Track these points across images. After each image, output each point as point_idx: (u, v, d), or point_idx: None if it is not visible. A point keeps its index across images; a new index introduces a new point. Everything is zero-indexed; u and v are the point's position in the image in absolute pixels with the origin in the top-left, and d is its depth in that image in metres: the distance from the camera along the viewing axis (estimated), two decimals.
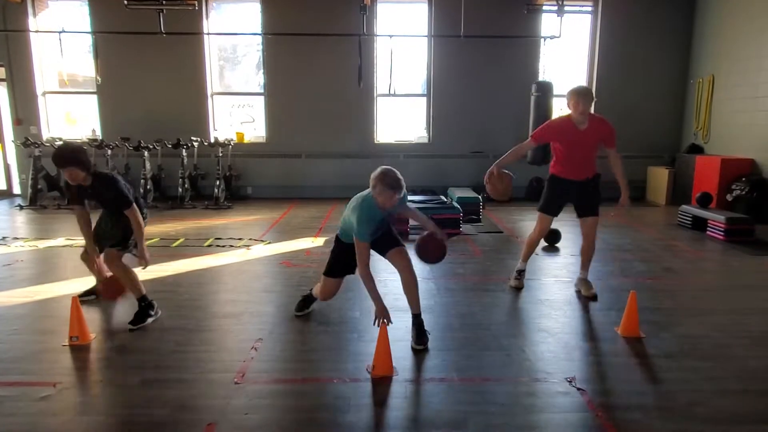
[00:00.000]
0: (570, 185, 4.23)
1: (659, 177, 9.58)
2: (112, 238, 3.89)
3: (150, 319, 3.81)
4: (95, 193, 3.81)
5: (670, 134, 10.01)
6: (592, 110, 4.09)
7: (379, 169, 3.22)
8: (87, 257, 4.07)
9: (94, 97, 9.71)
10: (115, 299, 4.03)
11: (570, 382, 2.96)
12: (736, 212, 7.05)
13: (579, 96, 3.95)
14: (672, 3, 9.59)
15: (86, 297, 4.20)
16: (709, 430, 2.53)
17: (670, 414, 2.66)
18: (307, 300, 3.99)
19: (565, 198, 4.32)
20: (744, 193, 7.57)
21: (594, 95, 4.01)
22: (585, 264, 4.42)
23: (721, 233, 6.47)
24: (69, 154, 3.64)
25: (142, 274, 4.04)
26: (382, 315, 3.32)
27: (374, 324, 3.38)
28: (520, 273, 4.60)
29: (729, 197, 7.77)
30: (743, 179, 7.72)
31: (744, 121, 8.21)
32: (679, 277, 5.04)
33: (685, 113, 9.89)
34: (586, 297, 4.31)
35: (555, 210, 4.38)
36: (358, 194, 3.42)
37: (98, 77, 9.18)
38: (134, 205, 3.80)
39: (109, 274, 3.99)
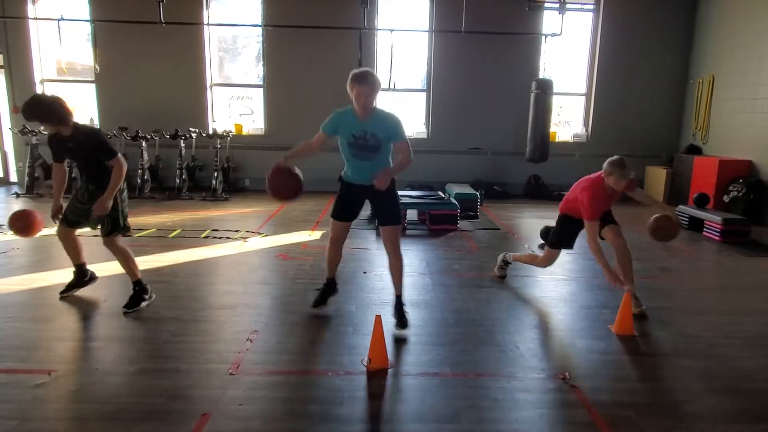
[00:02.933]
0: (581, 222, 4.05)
1: (657, 177, 9.60)
2: (88, 216, 3.77)
3: (144, 303, 3.81)
4: (76, 146, 3.68)
5: (669, 134, 10.02)
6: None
7: None
8: (63, 232, 3.95)
9: (93, 86, 9.67)
10: (21, 233, 3.92)
11: (563, 378, 2.98)
12: (732, 213, 7.07)
13: (623, 171, 3.74)
14: (673, 2, 9.58)
15: (68, 292, 4.11)
16: (700, 428, 2.55)
17: (662, 412, 2.68)
18: (325, 291, 3.89)
19: (579, 230, 4.17)
20: (741, 194, 7.59)
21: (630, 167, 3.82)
22: (626, 276, 3.94)
23: (717, 234, 6.50)
24: (35, 108, 3.58)
25: (141, 264, 4.04)
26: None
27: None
28: (506, 264, 4.69)
29: (726, 198, 7.79)
30: (740, 180, 7.74)
31: (743, 122, 8.23)
32: (675, 277, 5.07)
33: (684, 113, 9.90)
34: (634, 314, 3.79)
35: (570, 245, 4.28)
36: None
37: (97, 66, 9.14)
38: (119, 156, 3.69)
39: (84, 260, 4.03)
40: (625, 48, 9.65)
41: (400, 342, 3.40)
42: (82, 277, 4.14)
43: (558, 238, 4.27)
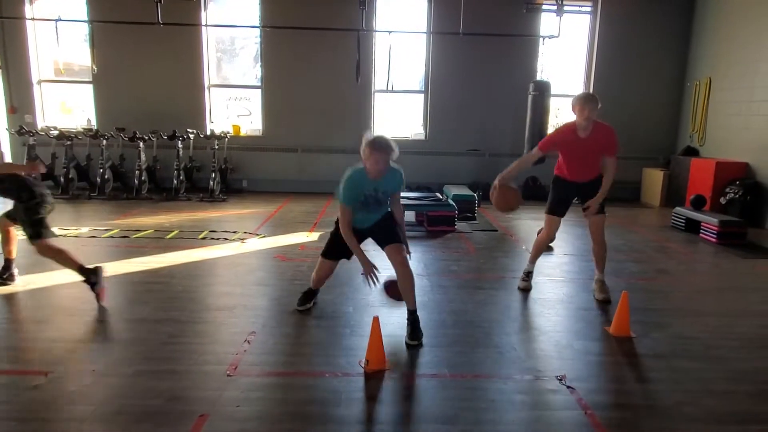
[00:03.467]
0: (573, 185, 4.25)
1: (654, 178, 9.62)
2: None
3: (99, 278, 3.85)
4: None
5: (666, 136, 10.05)
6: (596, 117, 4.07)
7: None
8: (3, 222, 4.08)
9: (90, 87, 9.66)
10: None
11: (560, 380, 2.98)
12: (729, 215, 7.09)
13: (584, 102, 3.94)
14: (670, 5, 9.61)
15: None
16: (696, 429, 2.56)
17: (659, 413, 2.69)
18: (308, 294, 3.98)
19: (571, 197, 4.32)
20: (738, 196, 7.62)
21: (598, 101, 3.97)
22: (598, 264, 4.32)
23: (714, 236, 6.52)
24: None
25: (138, 266, 4.03)
26: (369, 270, 3.44)
27: (365, 283, 3.50)
28: (528, 275, 4.56)
29: (723, 200, 7.81)
30: (737, 183, 7.76)
31: (739, 124, 8.26)
32: (671, 279, 5.08)
33: (681, 115, 9.94)
34: (597, 300, 4.23)
35: (562, 210, 4.34)
36: None
37: (94, 67, 9.12)
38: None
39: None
40: (623, 50, 9.68)
41: (397, 343, 3.40)
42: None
43: (550, 201, 4.36)
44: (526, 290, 4.50)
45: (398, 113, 10.41)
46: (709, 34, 9.14)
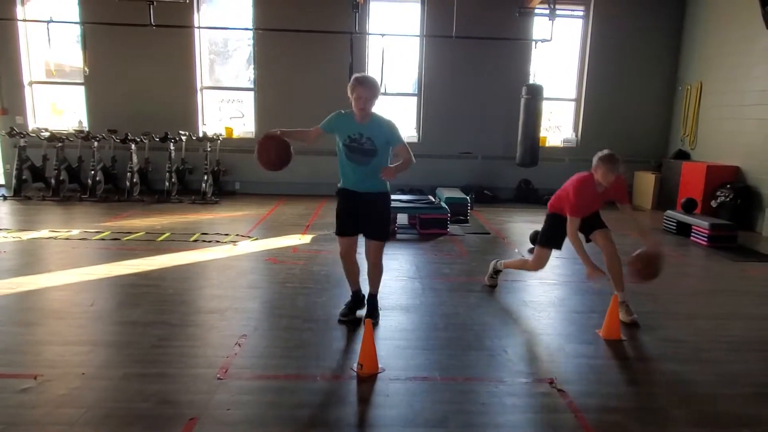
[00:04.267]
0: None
1: (646, 182, 9.68)
2: None
3: None
4: None
5: (658, 139, 10.12)
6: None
7: None
8: None
9: (82, 88, 9.60)
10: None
11: (551, 383, 2.99)
12: (720, 219, 7.15)
13: (611, 166, 3.71)
14: (662, 10, 9.69)
15: None
16: None
17: (648, 416, 2.70)
18: (353, 303, 3.87)
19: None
20: (728, 199, 7.68)
21: (621, 164, 3.76)
22: (616, 282, 3.97)
23: (705, 239, 6.57)
24: None
25: (129, 268, 4.01)
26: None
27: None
28: (497, 273, 4.63)
29: (713, 203, 7.87)
30: (728, 186, 7.82)
31: (730, 128, 8.33)
32: (662, 282, 5.06)
33: (673, 119, 10.01)
34: (623, 323, 3.84)
35: (559, 243, 4.18)
36: None
37: (86, 68, 9.07)
38: None
39: None
40: (615, 54, 9.75)
41: (389, 346, 3.40)
42: None
43: (546, 237, 4.20)
44: (492, 287, 4.61)
45: (392, 116, 10.40)
46: (700, 38, 9.22)
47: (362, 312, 3.81)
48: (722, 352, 3.49)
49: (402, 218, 7.23)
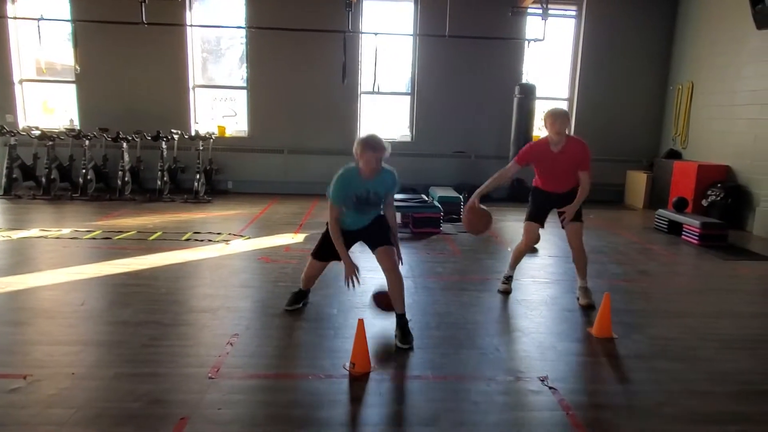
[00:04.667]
0: (551, 196, 4.30)
1: (638, 181, 9.74)
2: None
3: None
4: None
5: (650, 139, 10.18)
6: (571, 132, 4.12)
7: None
8: None
9: (73, 87, 9.54)
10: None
11: (542, 381, 3.00)
12: (710, 217, 7.20)
13: (555, 117, 4.03)
14: (654, 10, 9.74)
15: None
16: (676, 430, 2.59)
17: (639, 413, 2.72)
18: (297, 295, 3.96)
19: (549, 207, 4.36)
20: (719, 198, 7.73)
21: (569, 116, 4.06)
22: (580, 272, 4.34)
23: (696, 238, 6.61)
24: None
25: (120, 267, 3.99)
26: (351, 272, 3.43)
27: (346, 284, 3.47)
28: (508, 279, 4.59)
29: (704, 202, 7.93)
30: (719, 185, 7.88)
31: (721, 128, 8.39)
32: (653, 280, 5.14)
33: (664, 119, 10.07)
34: (581, 306, 4.23)
35: (541, 219, 4.38)
36: None
37: (77, 66, 9.01)
38: None
39: None
40: (607, 54, 9.79)
41: (381, 345, 3.40)
42: None
43: (529, 211, 4.42)
44: (506, 293, 4.52)
45: (385, 115, 10.42)
46: (691, 38, 9.28)
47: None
48: (712, 350, 3.51)
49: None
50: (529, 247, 4.54)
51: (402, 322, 3.48)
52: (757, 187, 7.51)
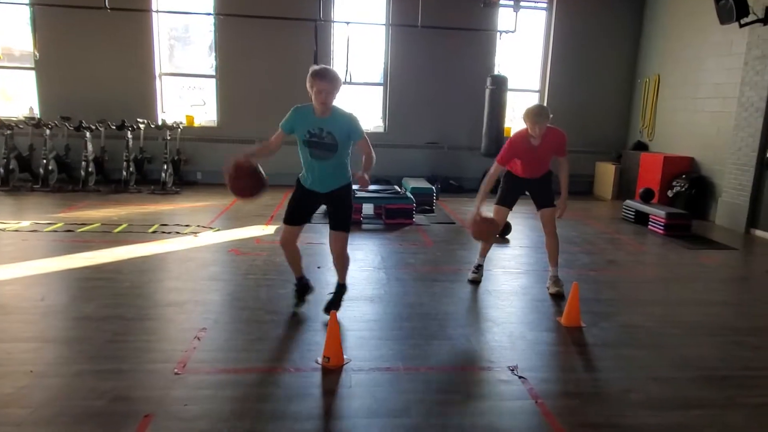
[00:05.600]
0: (524, 181, 4.38)
1: (606, 172, 9.91)
2: None
3: None
4: None
5: (618, 131, 10.37)
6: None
7: None
8: None
9: (32, 73, 9.16)
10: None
11: (512, 370, 3.02)
12: (675, 208, 7.38)
13: (536, 117, 4.04)
14: (622, 4, 9.88)
15: None
16: (641, 415, 2.64)
17: (606, 400, 2.77)
18: (299, 290, 3.83)
19: (520, 191, 4.44)
20: (683, 189, 7.93)
21: (549, 114, 4.07)
22: (551, 259, 4.40)
23: (661, 228, 6.77)
24: None
25: (83, 261, 3.86)
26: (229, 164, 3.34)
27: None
28: (478, 268, 4.62)
29: (670, 193, 8.12)
30: (683, 176, 8.08)
31: (685, 120, 8.59)
32: (620, 269, 5.24)
33: (632, 111, 10.26)
34: (551, 294, 4.30)
35: (510, 202, 4.47)
36: None
37: (36, 52, 8.67)
38: None
39: None
40: (577, 47, 9.91)
41: (353, 337, 3.38)
42: None
43: (499, 194, 4.47)
44: (476, 282, 4.55)
45: (357, 105, 10.33)
46: (658, 32, 9.46)
47: (328, 296, 3.79)
48: (676, 337, 3.60)
49: (367, 208, 7.19)
50: (497, 231, 4.56)
51: (340, 291, 3.76)
52: (719, 178, 7.72)
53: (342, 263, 3.71)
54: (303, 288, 3.85)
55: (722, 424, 2.59)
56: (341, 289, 3.79)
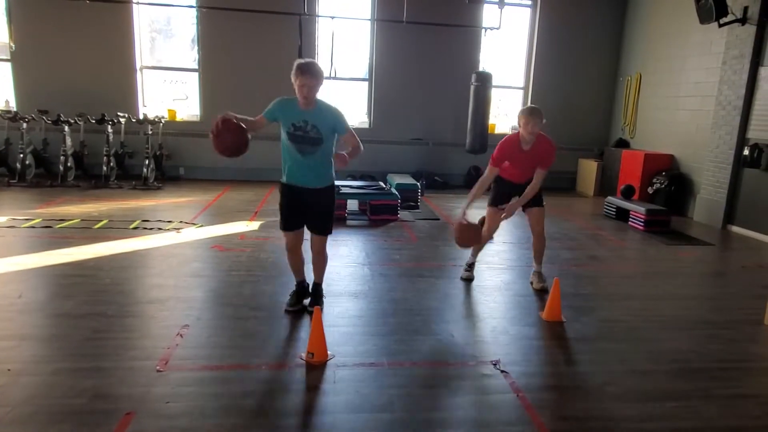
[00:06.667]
0: (512, 185, 4.37)
1: (588, 169, 10.03)
2: None
3: None
4: None
5: (600, 128, 10.49)
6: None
7: None
8: None
9: (8, 65, 8.95)
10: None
11: (495, 365, 3.06)
12: (655, 204, 7.50)
13: (529, 116, 4.03)
14: (605, 3, 9.98)
15: None
16: (619, 407, 2.69)
17: (585, 394, 2.81)
18: (298, 293, 3.79)
19: (510, 193, 4.39)
20: (663, 186, 8.06)
21: (542, 116, 4.05)
22: (536, 257, 4.48)
23: (642, 224, 6.88)
24: None
25: (62, 257, 3.80)
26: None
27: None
28: (470, 266, 4.64)
29: (650, 190, 8.25)
30: (663, 173, 8.21)
31: (666, 118, 8.72)
32: (601, 265, 5.32)
33: (614, 109, 10.39)
34: (535, 289, 4.38)
35: (503, 203, 4.42)
36: None
37: (12, 43, 8.47)
38: None
39: None
40: (561, 44, 9.99)
41: (337, 333, 3.38)
42: None
43: (492, 196, 4.51)
44: (468, 280, 4.57)
45: (342, 101, 10.29)
46: (640, 30, 9.57)
47: (308, 301, 3.77)
48: (653, 331, 3.67)
49: (352, 204, 7.19)
50: (491, 233, 4.58)
51: (317, 290, 3.76)
52: (697, 176, 7.86)
53: (321, 261, 3.71)
54: (302, 292, 3.83)
55: (697, 415, 2.65)
56: (317, 288, 3.78)
